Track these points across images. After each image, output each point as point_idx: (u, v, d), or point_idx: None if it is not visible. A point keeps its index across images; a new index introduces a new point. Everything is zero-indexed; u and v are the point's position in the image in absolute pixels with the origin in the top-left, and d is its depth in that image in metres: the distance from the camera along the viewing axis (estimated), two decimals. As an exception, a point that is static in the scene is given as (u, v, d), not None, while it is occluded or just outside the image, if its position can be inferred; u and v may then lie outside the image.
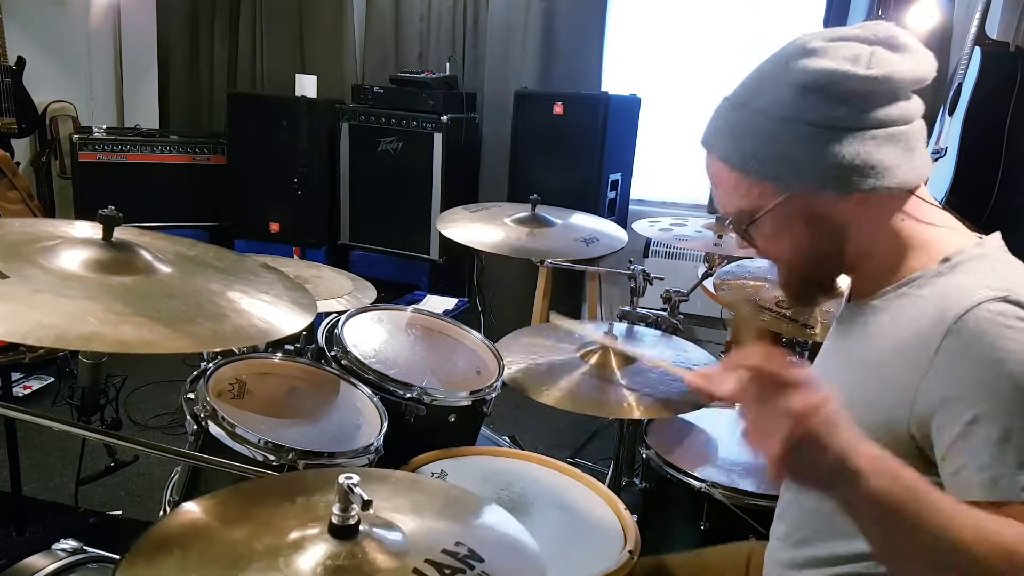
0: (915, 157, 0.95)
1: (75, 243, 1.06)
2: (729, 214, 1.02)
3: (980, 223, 1.00)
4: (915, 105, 0.96)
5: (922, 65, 0.95)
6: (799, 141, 0.93)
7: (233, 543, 0.88)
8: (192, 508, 0.95)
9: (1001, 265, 0.93)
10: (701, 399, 1.67)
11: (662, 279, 2.30)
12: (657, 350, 1.91)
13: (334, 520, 0.87)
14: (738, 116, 0.98)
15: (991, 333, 0.82)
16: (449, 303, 3.20)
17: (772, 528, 1.17)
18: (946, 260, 0.94)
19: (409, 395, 1.56)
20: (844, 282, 1.09)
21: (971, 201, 2.82)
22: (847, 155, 0.92)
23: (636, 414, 1.62)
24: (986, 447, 0.82)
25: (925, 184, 1.01)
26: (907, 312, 0.93)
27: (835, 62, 0.91)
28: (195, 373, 1.41)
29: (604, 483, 1.50)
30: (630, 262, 2.24)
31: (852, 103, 0.91)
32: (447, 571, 0.88)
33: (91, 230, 1.12)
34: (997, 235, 0.99)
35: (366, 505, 0.85)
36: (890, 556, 0.82)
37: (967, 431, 0.83)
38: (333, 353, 1.63)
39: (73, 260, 1.02)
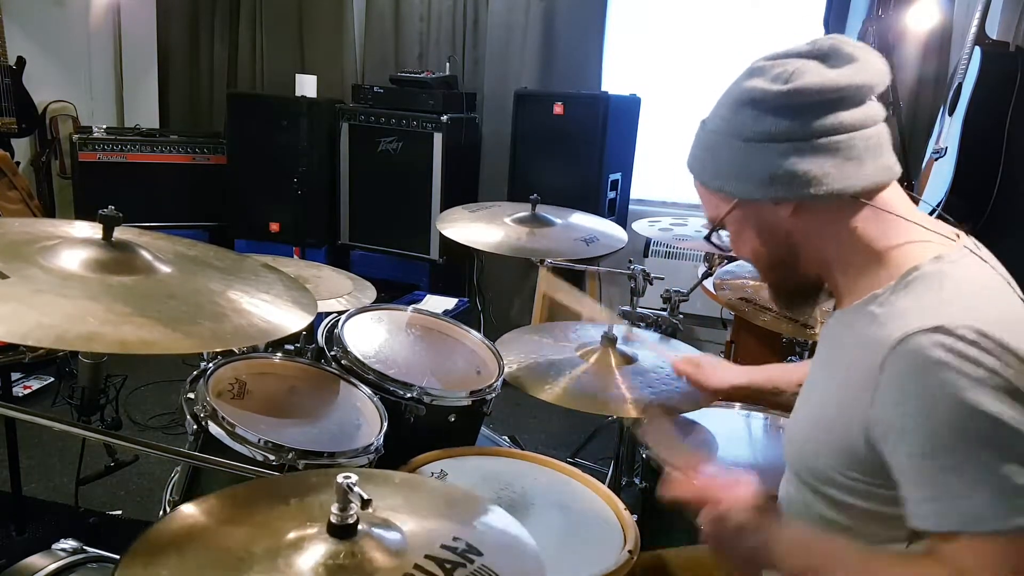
0: (861, 166, 0.95)
1: (75, 243, 1.06)
2: (708, 222, 1.12)
3: (980, 223, 0.99)
4: (862, 114, 0.95)
5: (864, 74, 0.95)
6: (735, 155, 1.00)
7: (231, 544, 0.88)
8: (189, 510, 0.95)
9: (950, 284, 0.90)
10: (700, 400, 1.68)
11: (662, 279, 2.30)
12: (656, 353, 1.91)
13: (333, 519, 0.87)
14: (701, 134, 1.06)
15: (920, 368, 0.83)
16: (449, 303, 3.20)
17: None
18: (904, 276, 0.94)
19: (409, 395, 1.56)
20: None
21: (971, 201, 2.82)
22: (773, 166, 0.96)
23: (635, 413, 1.62)
24: (926, 480, 0.84)
25: (919, 192, 1.01)
26: (864, 331, 0.93)
27: (762, 80, 0.96)
28: (195, 373, 1.41)
29: (604, 483, 1.50)
30: (630, 262, 2.24)
31: (778, 117, 0.95)
32: (447, 565, 0.88)
33: (91, 230, 1.12)
34: (964, 244, 0.98)
35: (365, 504, 0.85)
36: None
37: (908, 464, 0.86)
38: (333, 353, 1.63)
39: (73, 260, 1.02)
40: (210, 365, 1.43)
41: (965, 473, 0.82)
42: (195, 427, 1.31)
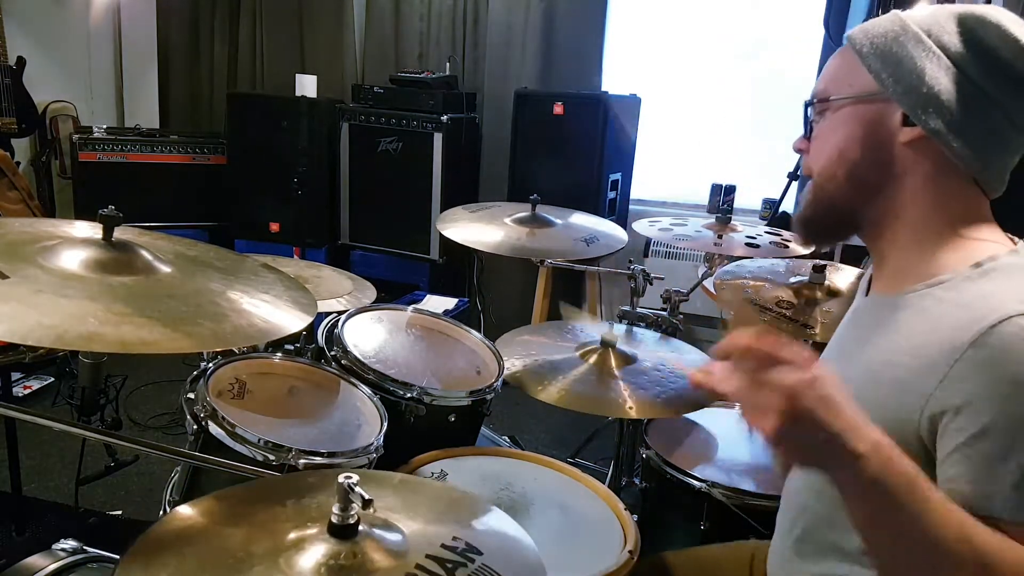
0: (993, 157, 0.93)
1: (75, 243, 1.06)
2: (814, 95, 1.03)
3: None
4: None
5: None
6: (919, 52, 0.93)
7: (231, 545, 0.88)
8: (188, 511, 0.95)
9: None
10: (702, 398, 1.67)
11: (662, 279, 2.29)
12: (655, 353, 1.91)
13: (334, 520, 0.87)
14: (892, 20, 0.98)
15: (1017, 350, 0.81)
16: (449, 303, 3.20)
17: (778, 519, 1.16)
18: (977, 265, 0.91)
19: (409, 395, 1.56)
20: (844, 281, 1.09)
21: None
22: (944, 89, 0.91)
23: (635, 414, 1.62)
24: (986, 461, 0.81)
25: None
26: (931, 315, 0.91)
27: (1013, 25, 0.90)
28: (195, 373, 1.41)
29: (604, 483, 1.50)
30: (630, 262, 2.24)
31: (987, 59, 0.91)
32: (448, 565, 0.88)
33: (91, 230, 1.12)
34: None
35: (366, 504, 0.85)
36: (872, 538, 0.83)
37: (971, 442, 0.82)
38: (333, 353, 1.63)
39: (73, 260, 1.02)
40: (210, 365, 1.43)
41: None
42: (195, 427, 1.31)
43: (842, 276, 2.04)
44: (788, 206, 3.44)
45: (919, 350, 0.89)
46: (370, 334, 1.77)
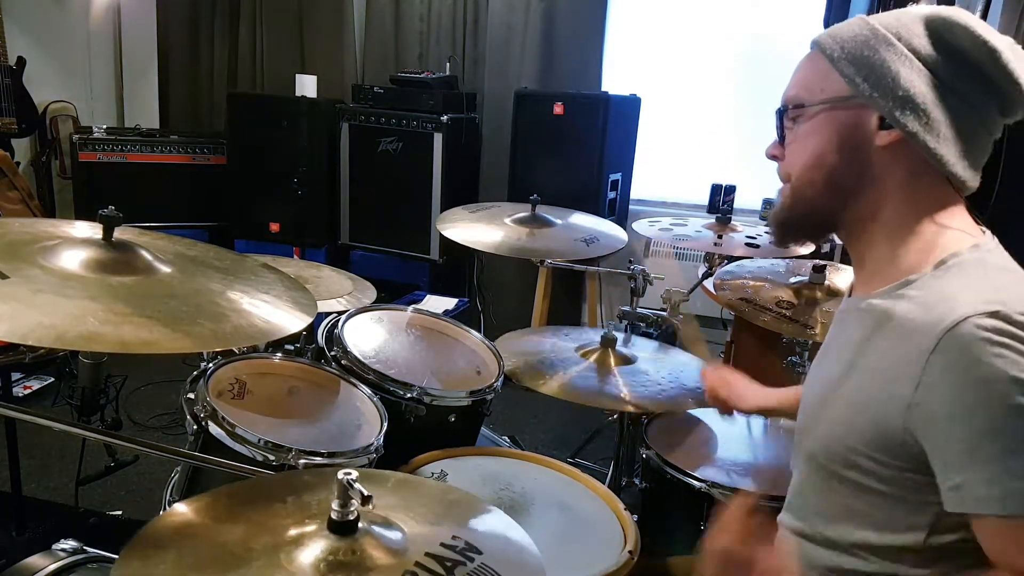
0: (966, 156, 0.94)
1: (75, 243, 1.06)
2: (786, 101, 1.03)
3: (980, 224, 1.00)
4: (1000, 122, 0.95)
5: None
6: (891, 55, 0.93)
7: (229, 542, 0.88)
8: (185, 508, 0.95)
9: (994, 272, 0.91)
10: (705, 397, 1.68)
11: (662, 279, 2.29)
12: (655, 364, 1.92)
13: (334, 516, 0.87)
14: (861, 24, 0.98)
15: (976, 352, 0.82)
16: (449, 303, 3.20)
17: (780, 517, 1.16)
18: (941, 263, 0.93)
19: (409, 395, 1.57)
20: (844, 281, 1.09)
21: (971, 202, 2.81)
22: (919, 91, 0.92)
23: (632, 408, 1.63)
24: (988, 463, 0.83)
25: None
26: (900, 316, 0.92)
27: (988, 33, 0.91)
28: (195, 373, 1.41)
29: (604, 483, 1.50)
30: (630, 262, 2.24)
31: (957, 61, 0.92)
32: (447, 563, 0.88)
33: (91, 230, 1.13)
34: (992, 236, 0.98)
35: (365, 500, 0.85)
36: None
37: (968, 448, 0.84)
38: (333, 353, 1.63)
39: (73, 260, 1.02)
40: (210, 365, 1.43)
41: None
42: (195, 427, 1.31)
43: (842, 276, 2.04)
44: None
45: (892, 355, 0.91)
46: (370, 334, 1.77)
